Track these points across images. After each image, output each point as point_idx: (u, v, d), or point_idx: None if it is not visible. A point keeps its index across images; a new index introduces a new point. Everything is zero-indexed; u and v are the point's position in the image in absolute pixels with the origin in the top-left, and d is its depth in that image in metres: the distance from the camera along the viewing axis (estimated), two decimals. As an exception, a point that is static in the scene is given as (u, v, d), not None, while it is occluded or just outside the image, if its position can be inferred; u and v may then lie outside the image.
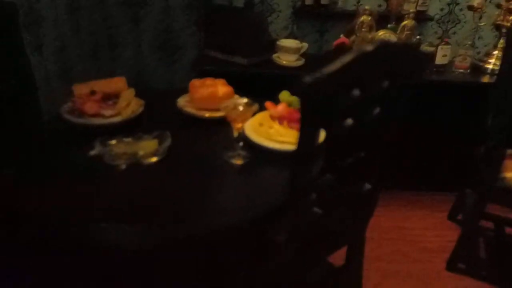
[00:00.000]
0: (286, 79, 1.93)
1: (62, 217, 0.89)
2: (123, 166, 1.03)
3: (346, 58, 0.80)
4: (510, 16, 1.95)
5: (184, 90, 1.44)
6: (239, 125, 1.07)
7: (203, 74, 1.92)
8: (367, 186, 1.11)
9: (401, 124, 1.01)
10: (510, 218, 1.84)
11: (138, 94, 1.33)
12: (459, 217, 1.97)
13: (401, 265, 1.69)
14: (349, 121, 0.91)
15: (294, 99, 1.21)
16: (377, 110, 0.95)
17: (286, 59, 1.94)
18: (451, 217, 2.00)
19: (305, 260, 1.09)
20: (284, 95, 1.22)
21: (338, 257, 1.20)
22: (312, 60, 2.05)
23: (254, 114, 1.12)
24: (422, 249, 1.79)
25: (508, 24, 1.99)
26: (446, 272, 1.67)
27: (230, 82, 1.69)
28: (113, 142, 1.06)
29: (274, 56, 2.00)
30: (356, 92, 0.87)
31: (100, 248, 0.94)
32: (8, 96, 1.37)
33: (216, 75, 1.88)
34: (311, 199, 0.96)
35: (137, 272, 1.07)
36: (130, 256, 0.97)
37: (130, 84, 1.90)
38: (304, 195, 0.93)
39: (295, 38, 2.40)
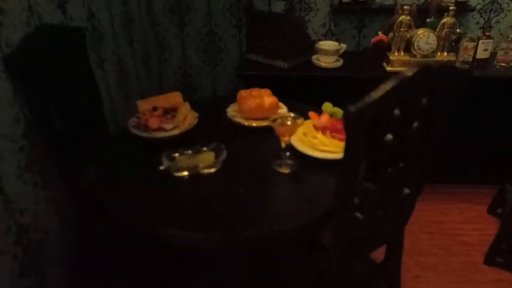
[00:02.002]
0: (325, 80, 2.02)
1: (139, 220, 1.06)
2: (186, 177, 1.19)
3: (388, 85, 0.89)
4: (556, 7, 1.90)
5: (231, 98, 1.57)
6: (286, 138, 1.19)
7: (246, 78, 2.06)
8: (406, 191, 1.20)
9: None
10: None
11: (191, 104, 1.48)
12: (499, 210, 1.99)
13: (439, 258, 1.77)
14: (389, 136, 1.00)
15: (336, 110, 1.30)
16: (416, 125, 1.03)
17: (325, 61, 2.01)
18: (491, 210, 2.04)
19: (349, 258, 1.21)
20: (327, 106, 1.32)
21: (378, 252, 1.30)
22: (351, 59, 2.10)
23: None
24: (461, 243, 1.85)
25: (555, 15, 1.94)
26: (484, 265, 1.73)
27: (271, 85, 1.81)
28: (177, 155, 1.21)
29: (313, 58, 2.08)
30: (396, 112, 0.96)
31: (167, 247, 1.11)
32: (79, 109, 1.56)
33: (258, 79, 2.02)
34: (354, 205, 1.07)
35: (198, 269, 1.24)
36: (193, 255, 1.14)
37: (177, 84, 2.04)
38: (348, 202, 1.04)
39: (333, 35, 2.47)
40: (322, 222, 1.09)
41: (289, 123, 1.18)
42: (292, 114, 1.20)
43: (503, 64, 2.03)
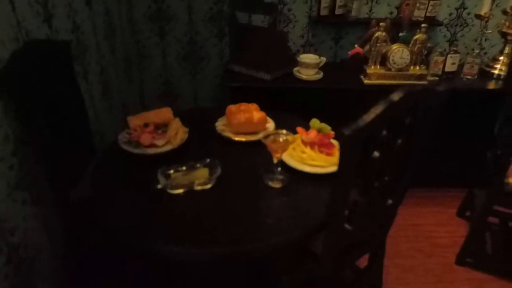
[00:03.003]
0: (306, 92, 2.10)
1: (138, 238, 1.09)
2: (182, 194, 1.21)
3: (378, 109, 0.96)
4: (516, 25, 2.07)
5: (218, 111, 1.61)
6: (278, 155, 1.24)
7: (230, 89, 2.10)
8: (390, 201, 1.29)
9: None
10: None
11: (177, 115, 1.50)
12: (467, 213, 2.15)
13: (417, 260, 1.89)
14: (377, 153, 1.08)
15: (324, 126, 1.37)
16: (399, 142, 1.12)
17: (306, 74, 2.09)
18: (460, 213, 2.19)
19: (338, 266, 1.28)
20: (315, 122, 1.38)
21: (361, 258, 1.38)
22: (330, 71, 2.18)
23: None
24: (435, 245, 1.98)
25: (514, 33, 2.11)
26: (456, 266, 1.87)
27: (255, 96, 1.86)
28: (172, 172, 1.24)
29: (295, 70, 2.15)
30: (384, 132, 1.04)
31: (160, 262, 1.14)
32: (66, 123, 1.55)
33: (242, 90, 2.07)
34: (344, 217, 1.15)
35: (192, 279, 1.27)
36: (188, 267, 1.17)
37: (157, 92, 2.05)
38: (339, 215, 1.11)
39: (311, 46, 2.55)
40: (314, 233, 1.15)
41: (281, 140, 1.24)
42: (284, 131, 1.26)
43: (469, 77, 2.19)
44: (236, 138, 1.48)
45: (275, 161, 1.26)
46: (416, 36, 1.97)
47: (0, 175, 1.20)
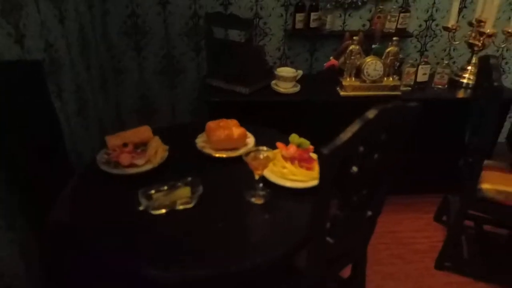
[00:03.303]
0: (284, 105, 2.12)
1: (121, 261, 1.07)
2: (164, 214, 1.20)
3: (354, 127, 0.99)
4: (481, 37, 2.18)
5: (197, 127, 1.61)
6: (259, 172, 1.25)
7: (209, 104, 2.10)
8: (369, 213, 1.32)
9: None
10: (488, 217, 2.09)
11: (155, 134, 1.49)
12: (444, 218, 2.21)
13: (397, 267, 1.93)
14: (355, 168, 1.11)
15: (303, 141, 1.39)
16: (376, 157, 1.15)
17: (284, 87, 2.12)
18: (437, 218, 2.25)
19: (323, 278, 1.30)
20: (294, 138, 1.40)
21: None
22: (307, 84, 2.22)
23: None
24: (414, 251, 2.03)
25: (479, 44, 2.21)
26: (435, 270, 1.92)
27: (233, 110, 1.87)
28: (153, 192, 1.23)
29: (272, 83, 2.18)
30: (361, 148, 1.07)
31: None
32: (40, 143, 1.51)
33: (221, 105, 2.08)
34: (326, 230, 1.16)
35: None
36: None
37: (135, 107, 2.02)
38: (321, 229, 1.13)
39: (287, 58, 2.59)
40: (298, 249, 1.16)
41: (261, 157, 1.25)
42: (264, 148, 1.27)
43: (439, 87, 2.27)
44: (217, 155, 1.48)
45: (256, 177, 1.26)
46: (389, 49, 2.03)
47: (-27, 202, 1.15)
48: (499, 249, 2.06)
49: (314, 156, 1.41)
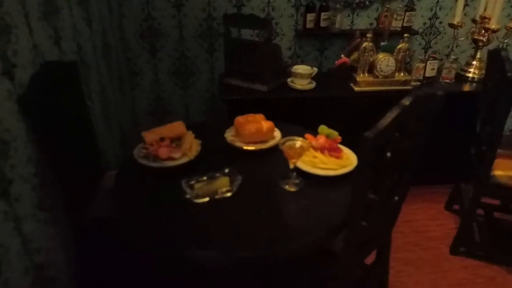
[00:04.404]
0: (302, 101, 2.20)
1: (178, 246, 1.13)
2: (206, 203, 1.27)
3: (393, 113, 1.06)
4: (486, 33, 2.28)
5: (223, 123, 1.69)
6: (294, 160, 1.33)
7: (229, 102, 2.17)
8: (396, 198, 1.40)
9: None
10: (497, 204, 2.19)
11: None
12: (455, 207, 2.31)
13: (414, 254, 2.01)
14: (389, 154, 1.19)
15: (332, 132, 1.47)
16: (406, 142, 1.23)
17: (300, 83, 2.20)
18: (448, 207, 2.35)
19: (355, 262, 1.37)
20: (323, 129, 1.48)
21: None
22: (321, 80, 2.30)
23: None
24: (429, 238, 2.12)
25: (484, 39, 2.32)
26: (450, 255, 2.01)
27: (252, 107, 1.94)
28: (194, 182, 1.29)
29: (289, 80, 2.26)
30: (396, 134, 1.15)
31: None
32: (77, 142, 1.57)
33: (240, 102, 2.15)
34: (362, 214, 1.24)
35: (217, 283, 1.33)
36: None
37: (149, 108, 2.08)
38: (359, 213, 1.20)
39: (298, 57, 2.68)
40: (336, 233, 1.24)
41: (297, 146, 1.32)
42: (300, 138, 1.34)
43: (447, 81, 2.37)
44: (247, 148, 1.55)
45: (291, 166, 1.34)
46: (400, 45, 2.12)
47: (26, 196, 1.21)
48: (509, 234, 2.15)
49: (341, 146, 1.49)
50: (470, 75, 2.41)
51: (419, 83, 2.33)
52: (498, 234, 2.15)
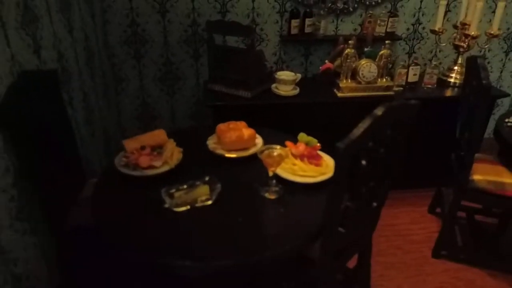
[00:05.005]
0: (285, 107, 2.22)
1: (153, 256, 1.14)
2: (185, 211, 1.28)
3: (365, 124, 1.08)
4: (466, 39, 2.32)
5: (206, 129, 1.69)
6: (273, 168, 1.34)
7: (214, 108, 2.18)
8: (374, 204, 1.42)
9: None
10: (479, 207, 2.22)
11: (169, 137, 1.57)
12: (438, 210, 2.34)
13: (397, 257, 2.04)
14: (364, 162, 1.21)
15: (311, 139, 1.49)
16: (382, 151, 1.25)
17: (284, 90, 2.22)
18: (431, 210, 2.38)
19: (333, 268, 1.39)
20: (302, 136, 1.50)
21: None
22: (305, 86, 2.32)
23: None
24: (412, 241, 2.14)
25: (464, 45, 2.36)
26: (432, 259, 2.03)
27: (236, 113, 1.95)
28: (174, 191, 1.30)
29: (273, 86, 2.27)
30: (370, 143, 1.17)
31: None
32: (57, 150, 1.57)
33: (224, 108, 2.16)
34: (338, 221, 1.26)
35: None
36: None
37: (135, 114, 2.08)
38: (334, 220, 1.22)
39: (283, 62, 2.70)
40: (313, 240, 1.25)
41: (275, 154, 1.34)
42: (278, 146, 1.36)
43: (429, 86, 2.41)
44: (228, 155, 1.56)
45: (270, 174, 1.35)
46: (382, 52, 2.15)
47: (2, 206, 1.21)
48: (489, 237, 2.19)
49: (321, 153, 1.51)
50: (452, 80, 2.46)
51: (401, 88, 2.36)
52: (479, 237, 2.18)
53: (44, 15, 1.55)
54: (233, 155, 1.57)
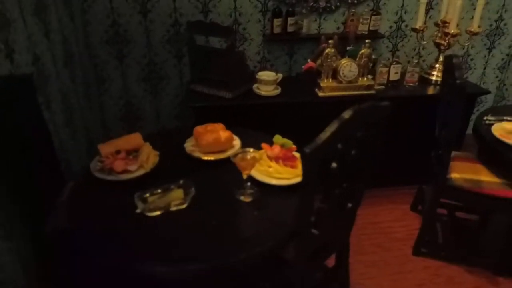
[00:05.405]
0: (266, 107, 2.22)
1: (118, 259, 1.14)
2: (159, 216, 1.28)
3: (332, 127, 1.09)
4: (446, 37, 2.33)
5: (184, 132, 1.69)
6: (247, 172, 1.35)
7: (195, 109, 2.18)
8: (349, 205, 1.43)
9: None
10: (459, 204, 2.24)
11: (145, 140, 1.56)
12: (419, 208, 2.36)
13: (378, 255, 2.05)
14: (334, 164, 1.21)
15: (286, 141, 1.49)
16: (353, 153, 1.26)
17: (265, 90, 2.22)
18: (413, 208, 2.40)
19: (309, 268, 1.40)
20: (278, 138, 1.50)
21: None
22: (287, 86, 2.33)
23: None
24: (393, 239, 2.16)
25: (445, 43, 2.37)
26: (413, 256, 2.06)
27: (218, 114, 1.95)
28: (148, 195, 1.30)
29: (254, 87, 2.27)
30: (339, 146, 1.18)
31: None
32: (33, 154, 1.56)
33: (206, 109, 2.16)
34: (311, 223, 1.27)
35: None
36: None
37: (119, 114, 2.06)
38: (307, 222, 1.23)
39: (267, 61, 2.69)
40: (287, 242, 1.26)
41: (249, 157, 1.34)
42: (251, 149, 1.36)
43: (411, 84, 2.42)
44: (205, 158, 1.56)
45: (244, 177, 1.35)
46: (362, 51, 2.16)
47: (-26, 214, 1.20)
48: (470, 233, 2.22)
49: (297, 155, 1.52)
50: (434, 78, 2.47)
51: (383, 87, 2.37)
52: (460, 234, 2.21)
53: (17, 19, 1.53)
54: (210, 158, 1.57)
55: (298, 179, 1.42)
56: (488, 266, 1.95)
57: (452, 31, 2.28)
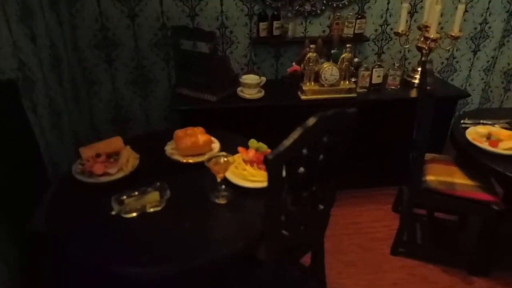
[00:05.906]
0: (250, 110, 2.27)
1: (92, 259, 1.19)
2: (135, 217, 1.33)
3: (295, 134, 1.14)
4: (427, 41, 2.38)
5: (166, 135, 1.74)
6: (221, 175, 1.40)
7: (180, 112, 2.23)
8: (321, 206, 1.48)
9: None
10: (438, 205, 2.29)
11: (127, 143, 1.62)
12: (400, 208, 2.41)
13: (357, 255, 2.11)
14: (302, 169, 1.27)
15: (261, 145, 1.55)
16: (321, 157, 1.31)
17: (249, 93, 2.27)
18: (394, 208, 2.45)
19: (281, 267, 1.45)
20: (252, 142, 1.55)
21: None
22: (271, 89, 2.38)
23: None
24: (373, 239, 2.22)
25: (426, 47, 2.42)
26: (391, 256, 2.11)
27: (202, 116, 1.99)
28: (125, 198, 1.35)
29: (238, 90, 2.32)
30: (304, 151, 1.23)
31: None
32: (18, 157, 1.61)
33: (190, 112, 2.21)
34: (281, 224, 1.32)
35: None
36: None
37: (109, 117, 2.09)
38: (275, 223, 1.28)
39: (254, 64, 2.74)
40: (256, 242, 1.31)
41: (222, 161, 1.40)
42: (224, 153, 1.42)
43: (393, 87, 2.47)
44: (184, 160, 1.62)
45: (218, 180, 1.41)
46: (343, 55, 2.21)
47: (-43, 215, 1.26)
48: (448, 233, 2.27)
49: (272, 158, 1.56)
50: (416, 81, 2.52)
51: (365, 90, 2.42)
52: (439, 234, 2.26)
53: (2, 27, 1.58)
54: (189, 161, 1.62)
55: (272, 182, 1.48)
56: (463, 266, 2.01)
57: (432, 36, 2.32)
